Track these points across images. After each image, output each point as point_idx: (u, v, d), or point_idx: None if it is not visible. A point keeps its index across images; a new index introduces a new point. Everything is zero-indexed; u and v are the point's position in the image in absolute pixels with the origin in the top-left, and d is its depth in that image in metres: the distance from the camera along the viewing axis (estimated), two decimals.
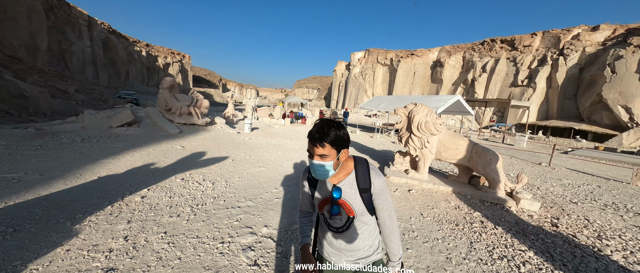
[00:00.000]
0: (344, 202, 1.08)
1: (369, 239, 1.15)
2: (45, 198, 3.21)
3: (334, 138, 0.99)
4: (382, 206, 1.10)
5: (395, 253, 1.16)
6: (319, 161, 1.00)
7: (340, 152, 1.02)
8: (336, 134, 0.99)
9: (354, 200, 1.07)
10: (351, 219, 1.09)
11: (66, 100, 19.06)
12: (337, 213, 1.09)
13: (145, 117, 8.44)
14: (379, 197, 1.09)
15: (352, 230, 1.11)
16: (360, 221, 1.11)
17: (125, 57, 45.05)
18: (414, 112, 5.19)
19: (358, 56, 51.88)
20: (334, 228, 1.14)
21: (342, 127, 1.05)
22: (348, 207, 1.08)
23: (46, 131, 6.57)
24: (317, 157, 1.00)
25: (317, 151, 0.99)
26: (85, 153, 5.21)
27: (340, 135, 1.01)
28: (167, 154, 5.73)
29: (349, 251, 1.13)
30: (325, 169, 1.02)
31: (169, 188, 3.92)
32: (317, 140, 0.98)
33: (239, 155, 6.55)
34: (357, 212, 1.08)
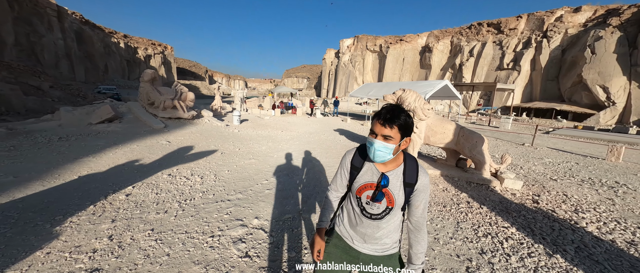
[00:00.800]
0: (388, 191, 1.09)
1: (395, 233, 1.18)
2: (21, 201, 3.05)
3: (403, 123, 0.99)
4: (420, 204, 1.12)
5: (419, 256, 1.17)
6: (382, 142, 1.00)
7: (403, 138, 1.03)
8: (406, 120, 1.01)
9: (398, 192, 1.08)
10: (389, 209, 1.10)
11: (40, 97, 17.95)
12: (379, 201, 1.10)
13: (127, 112, 8.08)
14: (420, 195, 1.10)
15: (386, 220, 1.13)
16: (395, 214, 1.13)
17: (102, 50, 42.56)
18: (402, 98, 5.19)
19: (347, 43, 51.11)
20: (368, 214, 1.13)
21: (411, 116, 1.06)
22: (390, 197, 1.09)
23: (19, 131, 6.19)
24: (381, 138, 1.00)
25: (383, 131, 1.00)
26: (64, 152, 4.96)
27: (409, 123, 1.02)
28: (152, 150, 5.55)
29: (373, 238, 1.15)
30: (386, 152, 1.02)
31: (155, 184, 3.81)
32: (388, 120, 0.99)
33: (228, 148, 6.43)
34: (397, 204, 1.09)
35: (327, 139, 8.61)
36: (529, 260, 2.43)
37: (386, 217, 1.12)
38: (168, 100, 7.76)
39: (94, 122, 6.90)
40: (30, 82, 19.00)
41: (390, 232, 1.16)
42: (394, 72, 46.13)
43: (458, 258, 2.44)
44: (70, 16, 36.44)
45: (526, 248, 2.63)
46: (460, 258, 2.44)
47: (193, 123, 8.22)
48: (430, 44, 42.66)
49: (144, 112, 7.79)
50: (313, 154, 6.21)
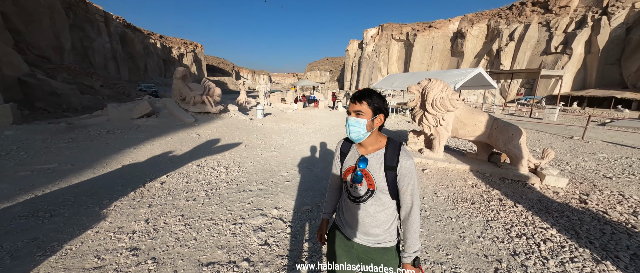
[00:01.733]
0: (367, 173, 1.11)
1: (386, 224, 1.14)
2: (76, 186, 3.50)
3: (372, 99, 1.07)
4: (406, 189, 1.09)
5: (410, 244, 1.12)
6: (354, 117, 1.08)
7: (376, 115, 1.08)
8: (375, 96, 1.08)
9: (378, 174, 1.09)
10: (371, 192, 1.11)
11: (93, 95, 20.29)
12: (359, 182, 1.13)
13: (162, 107, 8.77)
14: (404, 179, 1.08)
15: (370, 204, 1.13)
16: (379, 199, 1.12)
17: (142, 51, 46.49)
18: (428, 88, 4.89)
19: (371, 33, 49.33)
20: (352, 198, 1.17)
21: (384, 99, 1.12)
22: (370, 179, 1.10)
23: (76, 125, 7.07)
24: (353, 114, 1.09)
25: (354, 107, 1.09)
26: (110, 144, 5.57)
27: (378, 100, 1.09)
28: (183, 142, 5.98)
29: (362, 225, 1.15)
30: (359, 128, 1.08)
31: (185, 174, 4.11)
32: (357, 97, 1.08)
33: (252, 140, 6.68)
34: (377, 187, 1.09)
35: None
36: (572, 266, 2.18)
37: (369, 201, 1.12)
38: (197, 95, 8.26)
39: (135, 117, 7.61)
40: (85, 82, 21.52)
41: (380, 221, 1.14)
42: (421, 62, 43.64)
43: (486, 259, 2.27)
44: (115, 21, 40.23)
45: (568, 252, 2.36)
46: (488, 259, 2.27)
47: (220, 117, 8.67)
48: (463, 29, 39.39)
49: (176, 107, 8.39)
50: (335, 147, 6.19)
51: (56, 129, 6.55)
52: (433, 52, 43.24)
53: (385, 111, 1.11)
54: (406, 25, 45.88)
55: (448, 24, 42.90)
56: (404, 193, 1.10)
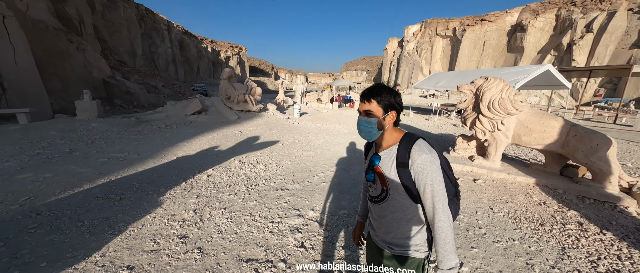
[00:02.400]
0: (379, 171, 1.03)
1: (405, 229, 1.02)
2: (140, 174, 3.97)
3: (382, 96, 0.98)
4: (424, 189, 0.94)
5: (440, 259, 0.91)
6: (364, 117, 1.02)
7: (387, 112, 1.00)
8: (385, 93, 0.99)
9: (389, 171, 1.00)
10: (385, 192, 1.04)
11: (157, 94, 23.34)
12: (372, 181, 1.08)
13: (210, 105, 9.57)
14: (419, 177, 0.94)
15: (387, 204, 1.05)
16: (396, 200, 1.02)
17: (196, 54, 51.88)
18: (484, 88, 4.32)
19: (413, 30, 46.57)
20: (371, 197, 1.12)
21: (396, 92, 1.03)
22: (382, 176, 1.03)
23: (143, 120, 8.14)
24: (363, 114, 1.02)
25: (363, 107, 1.02)
26: (168, 137, 6.24)
27: (388, 96, 0.99)
28: (227, 138, 6.38)
29: (382, 227, 1.08)
30: (369, 127, 1.01)
31: (228, 169, 4.35)
32: (365, 96, 1.01)
33: (289, 139, 6.81)
34: (390, 186, 1.01)
35: None
36: None
37: (386, 202, 1.04)
38: (241, 94, 8.78)
39: (188, 114, 8.44)
40: (151, 82, 24.86)
41: (400, 226, 1.03)
42: (470, 59, 39.64)
43: None
44: (175, 29, 45.67)
45: None
46: None
47: (260, 115, 9.07)
48: (524, 21, 34.52)
49: (222, 106, 9.05)
50: None
51: (128, 123, 7.62)
52: (485, 48, 38.88)
53: (398, 107, 1.02)
54: (453, 20, 42.10)
55: (504, 16, 38.09)
56: (422, 194, 0.95)
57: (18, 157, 4.42)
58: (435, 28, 43.10)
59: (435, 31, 43.07)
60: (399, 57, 47.84)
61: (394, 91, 1.02)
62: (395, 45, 50.97)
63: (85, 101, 8.24)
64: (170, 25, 42.38)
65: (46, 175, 3.70)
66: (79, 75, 17.65)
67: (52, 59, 16.10)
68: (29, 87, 11.67)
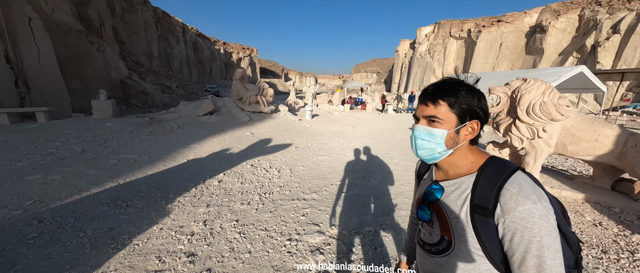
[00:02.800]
0: (440, 210, 0.69)
1: None
2: (150, 177, 3.77)
3: (458, 96, 0.64)
4: (523, 259, 0.56)
5: None
6: (423, 126, 0.68)
7: (464, 122, 0.66)
8: (463, 92, 0.65)
9: (457, 214, 0.65)
10: (446, 243, 0.68)
11: (171, 94, 23.74)
12: (428, 221, 0.73)
13: (222, 106, 9.44)
14: (515, 238, 0.56)
15: (448, 261, 0.68)
16: (464, 258, 0.65)
17: (209, 56, 52.86)
18: (522, 90, 3.86)
19: (425, 31, 45.52)
20: (421, 243, 0.78)
21: (480, 93, 0.68)
22: (443, 219, 0.68)
23: (156, 120, 8.08)
24: (424, 121, 0.68)
25: (425, 111, 0.68)
26: (179, 138, 6.09)
27: (469, 97, 0.65)
28: (239, 140, 6.16)
29: None
30: (432, 143, 0.67)
31: (240, 173, 4.09)
32: (429, 95, 0.67)
33: (302, 142, 6.51)
34: (456, 237, 0.66)
35: (403, 139, 7.66)
36: None
37: (446, 259, 0.68)
38: (253, 95, 8.58)
39: (200, 114, 8.32)
40: (165, 83, 25.33)
41: None
42: (485, 61, 38.30)
43: None
44: (190, 31, 46.69)
45: None
46: None
47: (272, 117, 8.85)
48: (544, 22, 33.00)
49: (234, 107, 8.89)
50: (390, 155, 5.53)
51: (141, 123, 7.56)
52: (501, 50, 37.46)
53: (482, 115, 0.68)
54: (468, 21, 40.83)
55: (523, 17, 36.60)
56: (519, 265, 0.57)
57: (31, 157, 4.33)
58: (449, 29, 41.97)
59: (449, 32, 41.93)
60: (411, 59, 46.89)
61: (477, 91, 0.68)
62: (407, 47, 50.03)
63: (101, 101, 8.27)
64: (185, 27, 43.36)
65: (55, 176, 3.55)
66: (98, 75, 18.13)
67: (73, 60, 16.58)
68: (51, 87, 12.00)
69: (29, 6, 11.21)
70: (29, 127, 6.58)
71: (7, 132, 6.04)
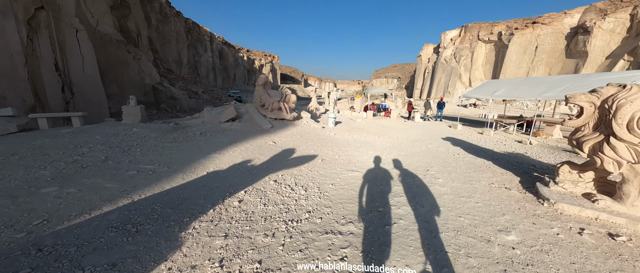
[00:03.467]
0: None
1: None
2: (166, 193, 3.38)
3: None
4: None
5: None
6: None
7: None
8: None
9: None
10: None
11: (197, 99, 24.54)
12: None
13: (244, 112, 9.19)
14: None
15: None
16: None
17: (233, 63, 54.82)
18: (619, 99, 2.96)
19: (451, 35, 43.33)
20: None
21: None
22: None
23: (180, 126, 7.98)
24: None
25: None
26: (201, 146, 5.79)
27: None
28: (261, 150, 5.72)
29: None
30: None
31: (263, 192, 3.58)
32: None
33: (327, 153, 5.93)
34: None
35: (438, 151, 6.77)
36: None
37: None
38: (275, 102, 8.20)
39: (222, 121, 8.09)
40: (192, 89, 26.28)
41: None
42: (518, 66, 35.38)
43: None
44: (216, 40, 48.81)
45: None
46: None
47: (294, 124, 8.39)
48: (588, 23, 29.76)
49: (256, 113, 8.57)
50: (431, 173, 4.74)
51: (165, 128, 7.47)
52: (537, 53, 34.39)
53: None
54: (499, 24, 38.14)
55: (562, 18, 33.40)
56: None
57: (56, 164, 4.19)
58: (477, 33, 39.51)
59: (477, 36, 39.46)
60: (435, 63, 44.78)
61: None
62: (431, 52, 47.95)
63: (131, 106, 8.37)
64: (212, 36, 45.35)
65: (71, 189, 3.29)
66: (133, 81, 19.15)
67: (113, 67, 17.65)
68: (92, 92, 12.69)
69: (76, 19, 12.02)
70: (63, 132, 6.70)
71: (43, 136, 6.16)
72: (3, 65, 8.67)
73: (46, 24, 10.71)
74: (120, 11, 22.13)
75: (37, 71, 10.18)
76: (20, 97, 9.21)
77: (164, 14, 33.19)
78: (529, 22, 35.94)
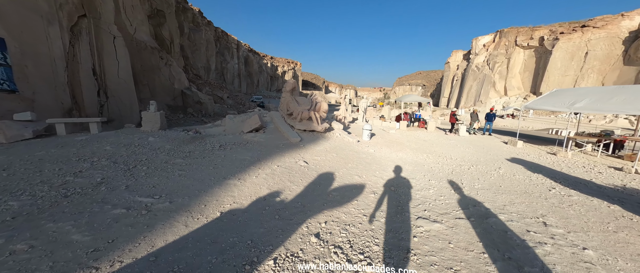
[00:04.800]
0: None
1: None
2: (155, 258, 2.09)
3: None
4: None
5: None
6: None
7: None
8: None
9: None
10: None
11: (222, 104, 24.33)
12: None
13: (269, 121, 8.00)
14: None
15: None
16: None
17: (257, 69, 55.54)
18: None
19: (483, 41, 39.77)
20: None
21: None
22: None
23: (200, 135, 6.96)
24: None
25: None
26: (218, 165, 4.59)
27: None
28: (292, 175, 4.36)
29: None
30: None
31: (302, 261, 2.17)
32: None
33: (377, 181, 4.41)
34: None
35: (521, 182, 4.93)
36: None
37: None
38: (305, 110, 6.89)
39: (245, 131, 6.93)
40: (218, 94, 26.22)
41: None
42: (564, 73, 31.20)
43: None
44: (243, 47, 49.74)
45: None
46: None
47: (325, 137, 6.99)
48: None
49: (283, 123, 7.32)
50: (553, 229, 3.02)
51: (183, 138, 6.46)
52: (587, 60, 30.07)
53: None
54: (541, 28, 34.15)
55: (619, 21, 28.95)
56: None
57: (37, 190, 3.17)
58: (515, 38, 35.75)
59: (515, 41, 35.69)
60: (464, 71, 41.33)
61: None
62: (460, 58, 44.52)
63: (151, 112, 7.55)
64: (239, 44, 46.21)
65: (18, 245, 2.13)
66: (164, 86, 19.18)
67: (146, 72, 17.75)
68: (125, 96, 12.53)
69: (114, 26, 12.00)
70: (77, 139, 5.92)
71: (52, 145, 5.38)
72: (45, 70, 8.55)
73: (87, 30, 10.66)
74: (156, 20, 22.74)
75: (76, 75, 10.10)
76: (59, 99, 9.05)
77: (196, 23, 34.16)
78: (577, 25, 31.70)
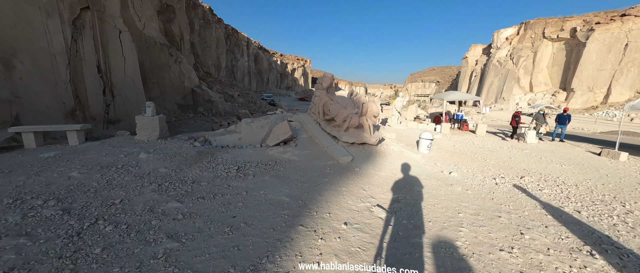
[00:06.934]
0: None
1: None
2: None
3: None
4: None
5: None
6: None
7: None
8: None
9: None
10: None
11: (232, 103, 22.63)
12: None
13: (299, 128, 6.03)
14: None
15: None
16: None
17: (267, 67, 53.71)
18: None
19: (506, 34, 36.38)
20: None
21: None
22: None
23: (208, 150, 5.09)
24: None
25: None
26: (237, 218, 2.67)
27: None
28: (363, 242, 2.38)
29: None
30: None
31: None
32: None
33: (537, 259, 2.38)
34: None
35: None
36: None
37: None
38: (353, 115, 4.85)
39: (271, 144, 4.98)
40: (228, 92, 24.48)
41: None
42: (599, 67, 27.81)
43: None
44: (253, 44, 47.92)
45: None
46: None
47: (380, 153, 4.95)
48: None
49: (319, 131, 5.34)
50: None
51: (187, 154, 4.61)
52: (627, 52, 26.62)
53: None
54: (572, 18, 30.62)
55: None
56: None
57: None
58: (542, 30, 32.32)
59: (542, 33, 32.27)
60: (484, 66, 38.10)
61: None
62: (479, 53, 41.18)
63: (146, 117, 5.73)
64: (249, 41, 44.41)
65: None
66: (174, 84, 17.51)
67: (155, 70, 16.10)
68: (132, 95, 10.95)
69: (120, 19, 10.38)
70: (39, 157, 4.15)
71: (14, 164, 3.64)
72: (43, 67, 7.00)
73: (91, 24, 9.04)
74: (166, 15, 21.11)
75: (79, 73, 8.57)
76: (61, 99, 7.52)
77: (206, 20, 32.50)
78: (616, 15, 28.11)
